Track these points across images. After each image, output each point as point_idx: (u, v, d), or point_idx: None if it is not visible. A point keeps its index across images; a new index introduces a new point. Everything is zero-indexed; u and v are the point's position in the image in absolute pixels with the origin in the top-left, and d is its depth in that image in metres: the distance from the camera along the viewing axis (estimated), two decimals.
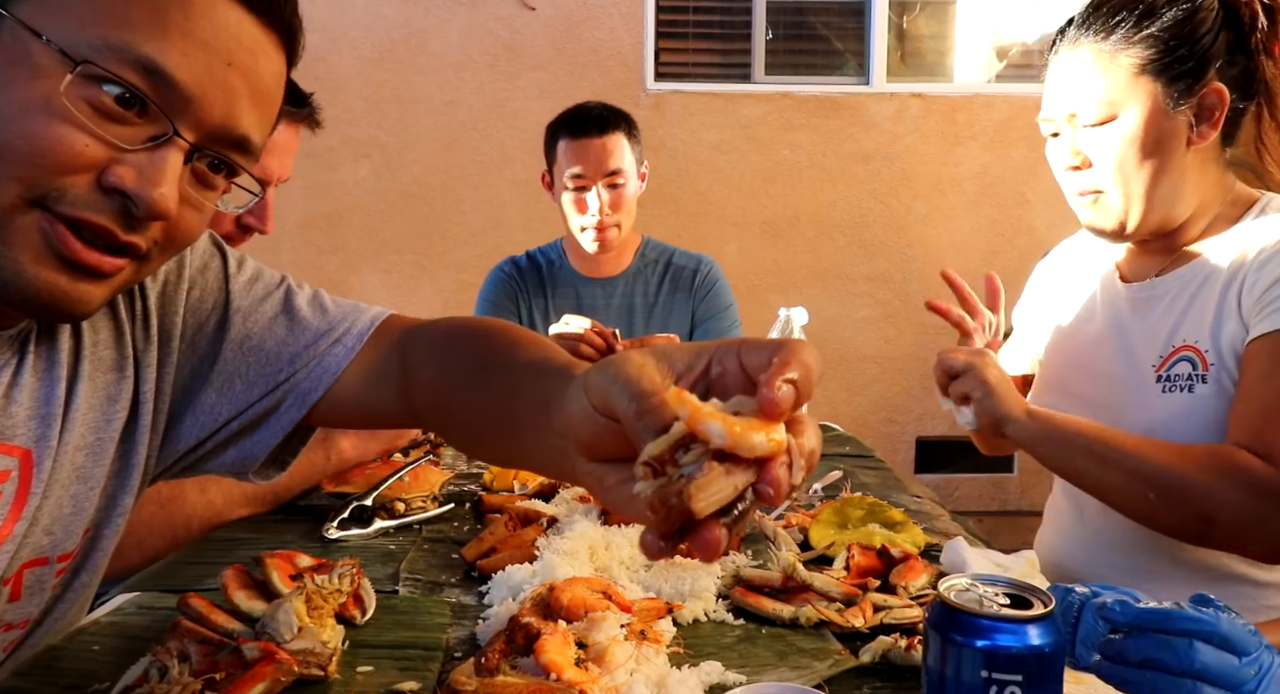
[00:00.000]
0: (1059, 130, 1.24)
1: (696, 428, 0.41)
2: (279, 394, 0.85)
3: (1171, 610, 0.66)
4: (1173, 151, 1.17)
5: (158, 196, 0.64)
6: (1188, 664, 0.63)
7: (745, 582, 0.97)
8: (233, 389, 0.85)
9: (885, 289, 3.91)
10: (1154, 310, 1.25)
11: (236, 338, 0.85)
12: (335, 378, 0.85)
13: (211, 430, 0.85)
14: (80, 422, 0.76)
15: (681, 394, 0.42)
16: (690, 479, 0.41)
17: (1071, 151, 1.22)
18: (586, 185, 2.04)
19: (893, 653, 0.80)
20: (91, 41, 0.61)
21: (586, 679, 0.73)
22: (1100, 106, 1.18)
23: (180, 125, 0.65)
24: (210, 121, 0.67)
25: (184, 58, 0.64)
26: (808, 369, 0.43)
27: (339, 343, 0.86)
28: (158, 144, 0.65)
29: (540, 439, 0.58)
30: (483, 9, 3.72)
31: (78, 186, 0.63)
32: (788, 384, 0.42)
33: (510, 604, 0.89)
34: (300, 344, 0.86)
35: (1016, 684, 0.58)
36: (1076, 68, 1.20)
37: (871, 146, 3.84)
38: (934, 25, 4.01)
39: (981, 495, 4.00)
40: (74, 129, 0.62)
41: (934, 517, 1.27)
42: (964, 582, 0.64)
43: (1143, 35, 1.15)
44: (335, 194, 3.68)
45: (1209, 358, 1.16)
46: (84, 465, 0.77)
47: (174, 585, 0.97)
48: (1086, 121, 1.19)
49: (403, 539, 1.17)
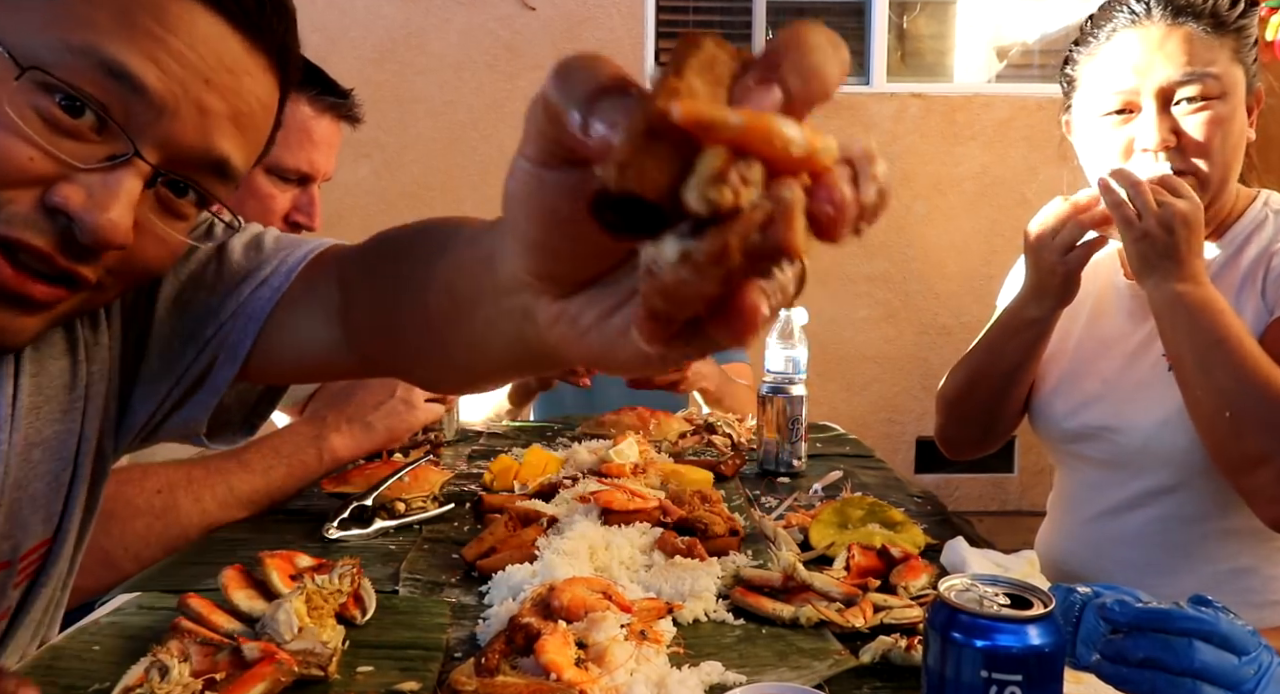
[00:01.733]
0: (1136, 106, 1.18)
1: (761, 128, 0.28)
2: (209, 351, 0.76)
3: (1171, 610, 0.66)
4: (1245, 141, 1.18)
5: (104, 222, 0.57)
6: (1187, 663, 0.64)
7: (745, 582, 0.97)
8: (169, 354, 0.77)
9: (885, 289, 3.92)
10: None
11: (168, 295, 0.77)
12: (260, 323, 0.75)
13: (158, 401, 0.79)
14: (31, 417, 0.70)
15: (694, 103, 0.28)
16: (768, 209, 0.28)
17: (1162, 128, 1.15)
18: None
19: (893, 653, 0.80)
20: (49, 42, 0.55)
21: (586, 679, 0.73)
22: (1203, 84, 1.13)
23: (144, 144, 0.58)
24: (180, 141, 0.60)
25: (155, 64, 0.57)
26: (817, 52, 0.30)
27: (265, 284, 0.76)
28: (115, 164, 0.58)
29: (493, 308, 0.46)
30: (483, 9, 3.72)
31: (17, 202, 0.56)
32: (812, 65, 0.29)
33: (510, 604, 0.89)
34: (227, 290, 0.76)
35: (1016, 684, 0.58)
36: (1181, 43, 1.14)
37: None
38: (934, 25, 4.01)
39: (981, 495, 4.00)
40: (18, 140, 0.55)
41: (934, 517, 1.27)
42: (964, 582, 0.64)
43: (1243, 21, 1.15)
44: (335, 194, 3.68)
45: None
46: (41, 462, 0.72)
47: (174, 585, 0.97)
48: (1187, 96, 1.14)
49: (403, 539, 1.17)
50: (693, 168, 0.28)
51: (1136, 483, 1.24)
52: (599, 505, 1.16)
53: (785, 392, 1.48)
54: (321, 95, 1.31)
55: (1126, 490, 1.25)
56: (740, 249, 0.28)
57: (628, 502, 1.16)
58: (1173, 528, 1.22)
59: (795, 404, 1.47)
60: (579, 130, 0.31)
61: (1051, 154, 1.43)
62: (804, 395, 1.49)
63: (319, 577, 0.85)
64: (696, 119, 0.27)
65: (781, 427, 1.47)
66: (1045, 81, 3.86)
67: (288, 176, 1.31)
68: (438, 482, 1.29)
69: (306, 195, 1.34)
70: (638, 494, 1.19)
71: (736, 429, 1.66)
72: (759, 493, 1.38)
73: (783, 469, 1.48)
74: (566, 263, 0.37)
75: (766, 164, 0.28)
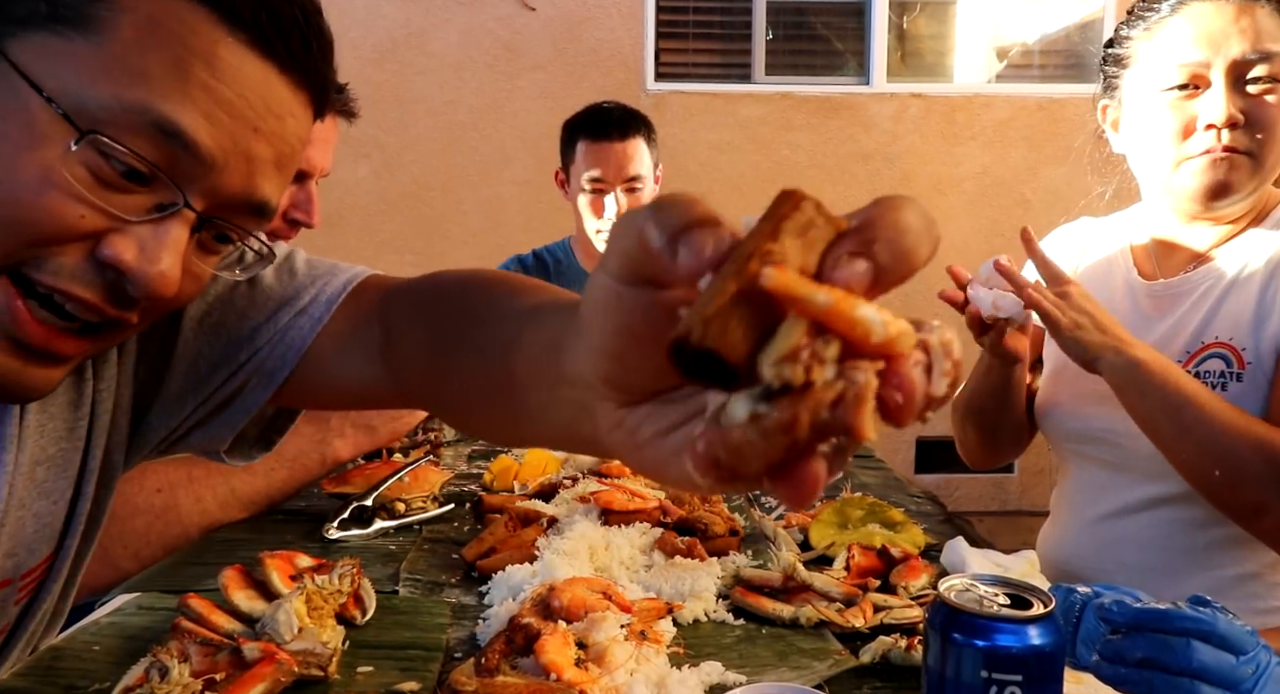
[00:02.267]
0: (1205, 81, 1.15)
1: (845, 313, 0.28)
2: (243, 375, 0.76)
3: (1169, 610, 0.66)
4: None
5: (156, 275, 0.56)
6: (1185, 663, 0.64)
7: (745, 582, 0.97)
8: (196, 372, 0.76)
9: None
10: (1180, 307, 1.23)
11: (194, 316, 0.76)
12: (301, 353, 0.75)
13: (180, 419, 0.78)
14: (36, 435, 0.69)
15: (786, 274, 0.29)
16: (841, 389, 0.29)
17: (1231, 104, 1.12)
18: (605, 190, 2.05)
19: (893, 653, 0.80)
20: (102, 100, 0.53)
21: (586, 679, 0.73)
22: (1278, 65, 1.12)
23: (191, 194, 0.57)
24: (227, 191, 0.59)
25: (207, 121, 0.56)
26: (907, 228, 0.32)
27: (304, 313, 0.75)
28: (164, 215, 0.57)
29: (550, 394, 0.46)
30: (483, 9, 3.72)
31: (67, 256, 0.55)
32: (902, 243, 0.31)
33: (510, 604, 0.89)
34: (262, 316, 0.76)
35: (1016, 684, 0.58)
36: (1257, 21, 1.13)
37: (871, 146, 3.84)
38: (934, 25, 4.01)
39: (981, 495, 4.00)
40: (71, 199, 0.54)
41: (934, 517, 1.27)
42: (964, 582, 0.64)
43: None
44: (335, 194, 3.68)
45: (1246, 356, 1.14)
46: (46, 480, 0.71)
47: (174, 586, 0.97)
48: (1257, 75, 1.12)
49: (403, 539, 1.17)
50: (773, 336, 0.29)
51: (1143, 487, 1.24)
52: (599, 505, 1.16)
53: None
54: None
55: (1132, 494, 1.25)
56: (809, 423, 0.29)
57: (628, 502, 1.16)
58: (1177, 532, 1.21)
59: None
60: (666, 255, 0.31)
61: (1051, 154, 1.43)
62: None
63: (319, 577, 0.85)
64: (786, 290, 0.28)
65: None
66: (1045, 81, 3.86)
67: None
68: (438, 482, 1.29)
69: (304, 192, 1.32)
70: (638, 494, 1.19)
71: None
72: (759, 493, 1.38)
73: None
74: (635, 375, 0.37)
75: (844, 344, 0.29)
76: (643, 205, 0.33)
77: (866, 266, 0.30)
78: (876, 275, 0.30)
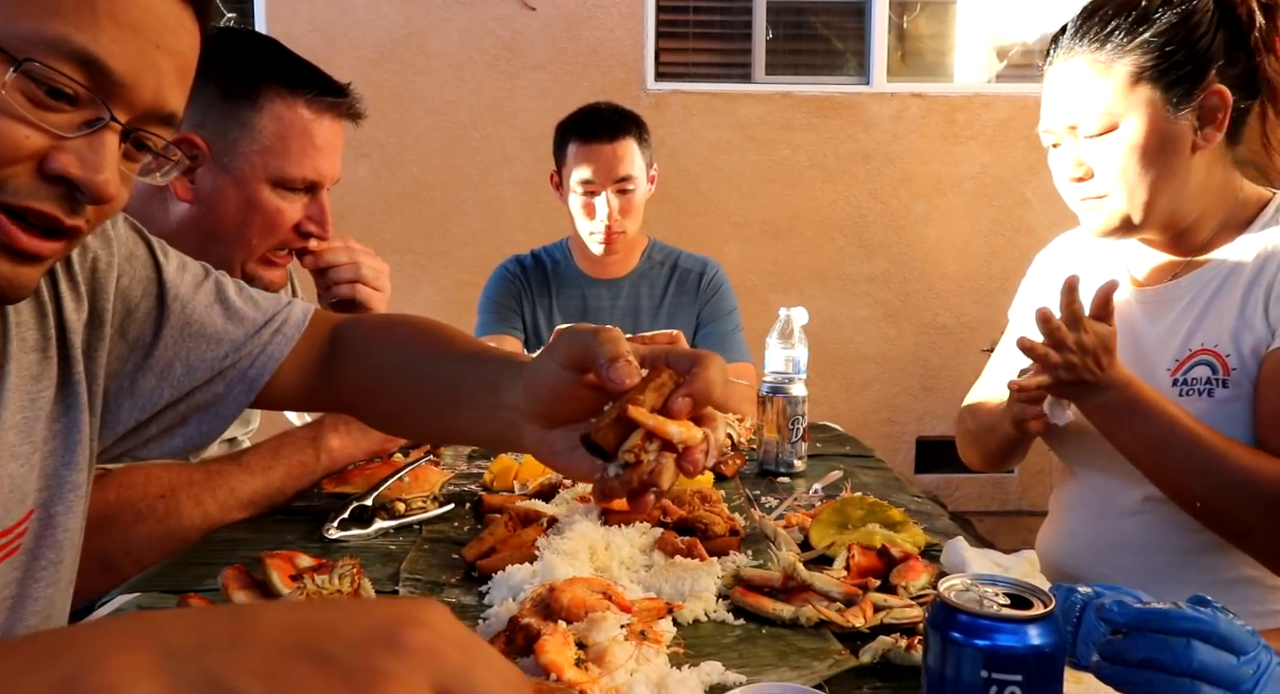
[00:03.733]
0: (1059, 141, 1.24)
1: (660, 430, 0.61)
2: (224, 381, 0.89)
3: (1170, 610, 0.66)
4: (1177, 157, 1.16)
5: (101, 182, 0.65)
6: (1186, 664, 0.64)
7: (745, 582, 0.97)
8: (173, 373, 0.88)
9: (885, 289, 3.92)
10: (1169, 314, 1.24)
11: (176, 324, 0.88)
12: (279, 364, 0.91)
13: (152, 413, 0.88)
14: (9, 401, 0.77)
15: (639, 410, 0.60)
16: (654, 466, 0.61)
17: (1074, 163, 1.21)
18: (596, 191, 2.04)
19: (893, 653, 0.80)
20: (25, 34, 0.61)
21: (586, 679, 0.73)
22: (1100, 118, 1.16)
23: (114, 109, 0.66)
24: (142, 103, 0.67)
25: (117, 46, 0.64)
26: (710, 381, 0.62)
27: (279, 333, 0.92)
28: (95, 129, 0.65)
29: (486, 414, 0.74)
30: (483, 9, 3.72)
31: (19, 176, 0.64)
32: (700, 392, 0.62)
33: (510, 604, 0.89)
34: (241, 332, 0.90)
35: (1016, 684, 0.58)
36: (1073, 78, 1.19)
37: (871, 146, 3.84)
38: (934, 25, 4.01)
39: (981, 495, 4.00)
40: (15, 122, 0.62)
41: (934, 517, 1.27)
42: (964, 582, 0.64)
43: (1138, 42, 1.14)
44: (335, 194, 3.65)
45: (1230, 362, 1.15)
46: (15, 444, 0.78)
47: (174, 586, 0.97)
48: (1087, 133, 1.18)
49: (403, 539, 1.17)
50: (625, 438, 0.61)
51: (1138, 490, 1.24)
52: (599, 506, 1.16)
53: (785, 392, 1.48)
54: (319, 96, 1.24)
55: (1130, 496, 1.25)
56: (638, 481, 0.61)
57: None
58: (1173, 535, 1.21)
59: (795, 404, 1.47)
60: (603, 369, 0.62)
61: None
62: (804, 395, 1.49)
63: (319, 577, 0.85)
64: (636, 418, 0.60)
65: (781, 427, 1.47)
66: None
67: (294, 187, 1.24)
68: (438, 482, 1.29)
69: (316, 204, 1.28)
70: None
71: (737, 429, 1.66)
72: (759, 493, 1.38)
73: (783, 469, 1.48)
74: (557, 416, 0.67)
75: (662, 441, 0.61)
76: (589, 329, 0.63)
77: (686, 401, 0.62)
78: (694, 404, 0.62)
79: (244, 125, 1.19)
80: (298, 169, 1.23)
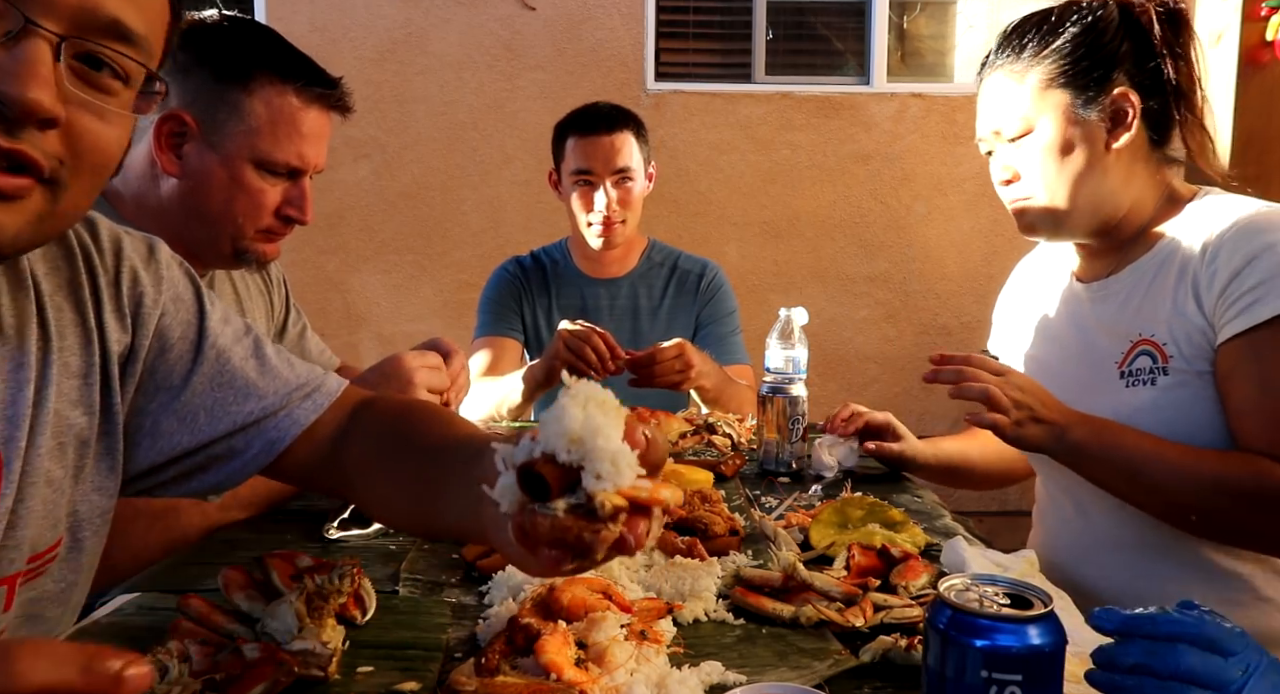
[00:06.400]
0: (991, 149, 1.33)
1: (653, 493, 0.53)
2: (245, 437, 0.86)
3: (1156, 615, 0.67)
4: (1091, 154, 1.23)
5: (22, 92, 0.59)
6: (1173, 667, 0.65)
7: (745, 582, 0.97)
8: (196, 421, 0.85)
9: (885, 289, 3.92)
10: (1111, 308, 1.28)
11: (209, 372, 0.85)
12: (303, 430, 0.87)
13: (169, 458, 0.85)
14: (48, 425, 0.75)
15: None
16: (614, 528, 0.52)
17: (1002, 167, 1.30)
18: (594, 182, 2.04)
19: (893, 653, 0.80)
20: None
21: (586, 679, 0.73)
22: (1018, 121, 1.25)
23: (35, 13, 0.60)
24: (68, 5, 0.61)
25: None
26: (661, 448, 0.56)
27: (310, 399, 0.89)
28: (15, 37, 0.59)
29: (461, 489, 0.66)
30: (483, 9, 3.72)
31: None
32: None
33: (510, 604, 0.89)
34: (272, 391, 0.87)
35: (1016, 684, 0.58)
36: (995, 89, 1.28)
37: (871, 146, 3.84)
38: (934, 25, 4.01)
39: (981, 495, 3.99)
40: None
41: (934, 517, 1.27)
42: (964, 582, 0.64)
43: (1049, 51, 1.23)
44: (335, 194, 3.68)
45: (1168, 350, 1.19)
46: (51, 470, 0.76)
47: (174, 586, 0.97)
48: (1009, 136, 1.27)
49: (403, 539, 1.17)
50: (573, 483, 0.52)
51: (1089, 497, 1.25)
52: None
53: (785, 391, 1.48)
54: (308, 85, 1.27)
55: (1096, 494, 1.25)
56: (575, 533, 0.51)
57: None
58: (1148, 529, 1.22)
59: (795, 404, 1.47)
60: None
61: None
62: (804, 395, 1.49)
63: (319, 577, 0.85)
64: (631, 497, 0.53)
65: (781, 427, 1.47)
66: None
67: (277, 170, 1.27)
68: None
69: (297, 189, 1.31)
70: None
71: (736, 429, 1.66)
72: (759, 493, 1.38)
73: (783, 469, 1.48)
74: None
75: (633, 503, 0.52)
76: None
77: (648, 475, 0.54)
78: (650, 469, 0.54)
79: (233, 107, 1.23)
80: (281, 153, 1.26)
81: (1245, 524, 1.12)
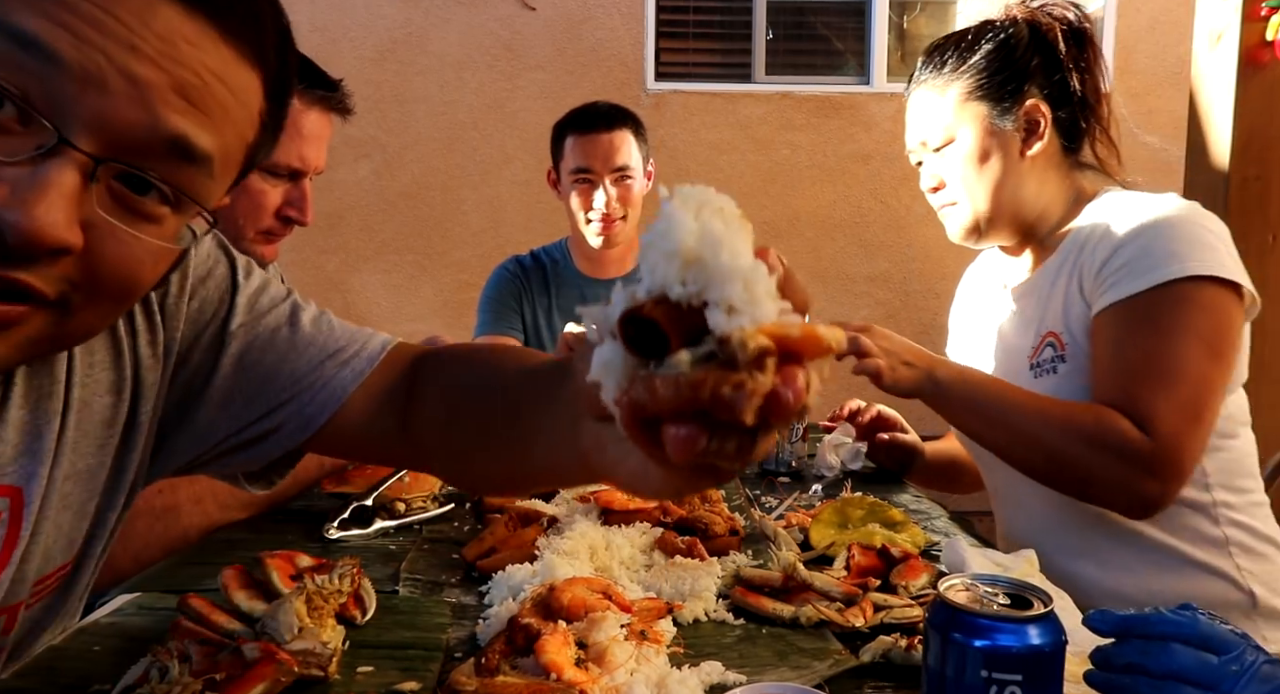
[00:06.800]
0: (920, 159, 1.41)
1: (807, 331, 0.36)
2: (279, 415, 0.78)
3: (1150, 615, 0.68)
4: (1007, 161, 1.32)
5: (27, 219, 0.49)
6: (1166, 666, 0.65)
7: (745, 582, 0.97)
8: (231, 406, 0.78)
9: (885, 289, 3.92)
10: (1028, 307, 1.37)
11: (235, 352, 0.78)
12: (340, 403, 0.78)
13: (208, 447, 0.80)
14: (71, 451, 0.70)
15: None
16: (753, 381, 0.35)
17: (929, 175, 1.39)
18: (593, 180, 2.04)
19: (893, 653, 0.80)
20: None
21: (586, 679, 0.73)
22: (941, 132, 1.34)
23: (75, 129, 0.51)
24: (116, 120, 0.52)
25: (66, 31, 0.50)
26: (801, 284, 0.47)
27: (347, 366, 0.79)
28: (42, 155, 0.50)
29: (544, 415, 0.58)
30: (483, 9, 3.72)
31: None
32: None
33: (510, 604, 0.89)
34: (304, 363, 0.79)
35: (1016, 684, 0.58)
36: (920, 103, 1.37)
37: (871, 146, 3.84)
38: (934, 25, 4.01)
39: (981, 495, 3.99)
40: None
41: (934, 517, 1.27)
42: (964, 582, 0.64)
43: (966, 67, 1.32)
44: (335, 194, 3.68)
45: (1064, 340, 1.28)
46: (71, 493, 0.71)
47: (174, 586, 0.97)
48: (933, 147, 1.36)
49: (403, 539, 1.17)
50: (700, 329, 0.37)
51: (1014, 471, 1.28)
52: (599, 505, 1.16)
53: None
54: (309, 88, 1.28)
55: (1010, 475, 1.28)
56: (712, 390, 0.34)
57: (627, 501, 1.16)
58: (1069, 511, 1.25)
59: None
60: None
61: None
62: None
63: (319, 577, 0.85)
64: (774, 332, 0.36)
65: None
66: None
67: (278, 172, 1.27)
68: (438, 482, 1.29)
69: (298, 190, 1.32)
70: None
71: None
72: (759, 493, 1.38)
73: (783, 469, 1.48)
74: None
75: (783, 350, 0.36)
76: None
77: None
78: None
79: None
80: (283, 155, 1.27)
81: (1090, 466, 1.15)
